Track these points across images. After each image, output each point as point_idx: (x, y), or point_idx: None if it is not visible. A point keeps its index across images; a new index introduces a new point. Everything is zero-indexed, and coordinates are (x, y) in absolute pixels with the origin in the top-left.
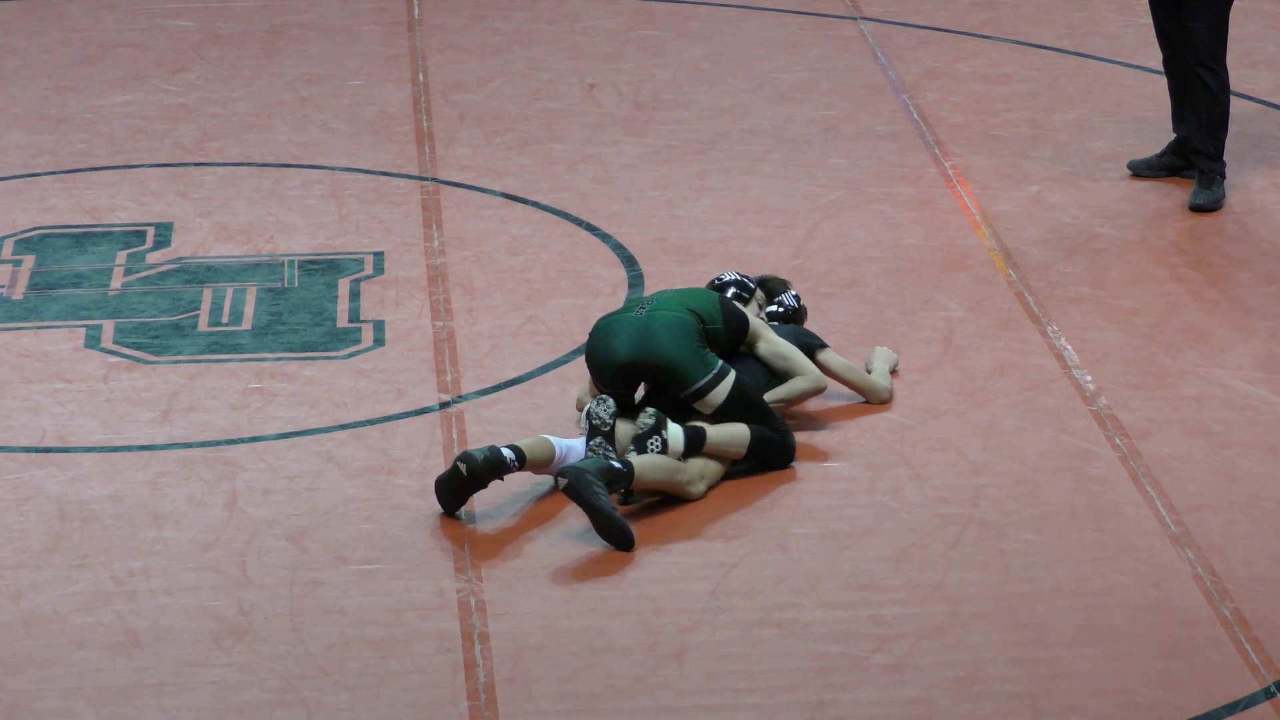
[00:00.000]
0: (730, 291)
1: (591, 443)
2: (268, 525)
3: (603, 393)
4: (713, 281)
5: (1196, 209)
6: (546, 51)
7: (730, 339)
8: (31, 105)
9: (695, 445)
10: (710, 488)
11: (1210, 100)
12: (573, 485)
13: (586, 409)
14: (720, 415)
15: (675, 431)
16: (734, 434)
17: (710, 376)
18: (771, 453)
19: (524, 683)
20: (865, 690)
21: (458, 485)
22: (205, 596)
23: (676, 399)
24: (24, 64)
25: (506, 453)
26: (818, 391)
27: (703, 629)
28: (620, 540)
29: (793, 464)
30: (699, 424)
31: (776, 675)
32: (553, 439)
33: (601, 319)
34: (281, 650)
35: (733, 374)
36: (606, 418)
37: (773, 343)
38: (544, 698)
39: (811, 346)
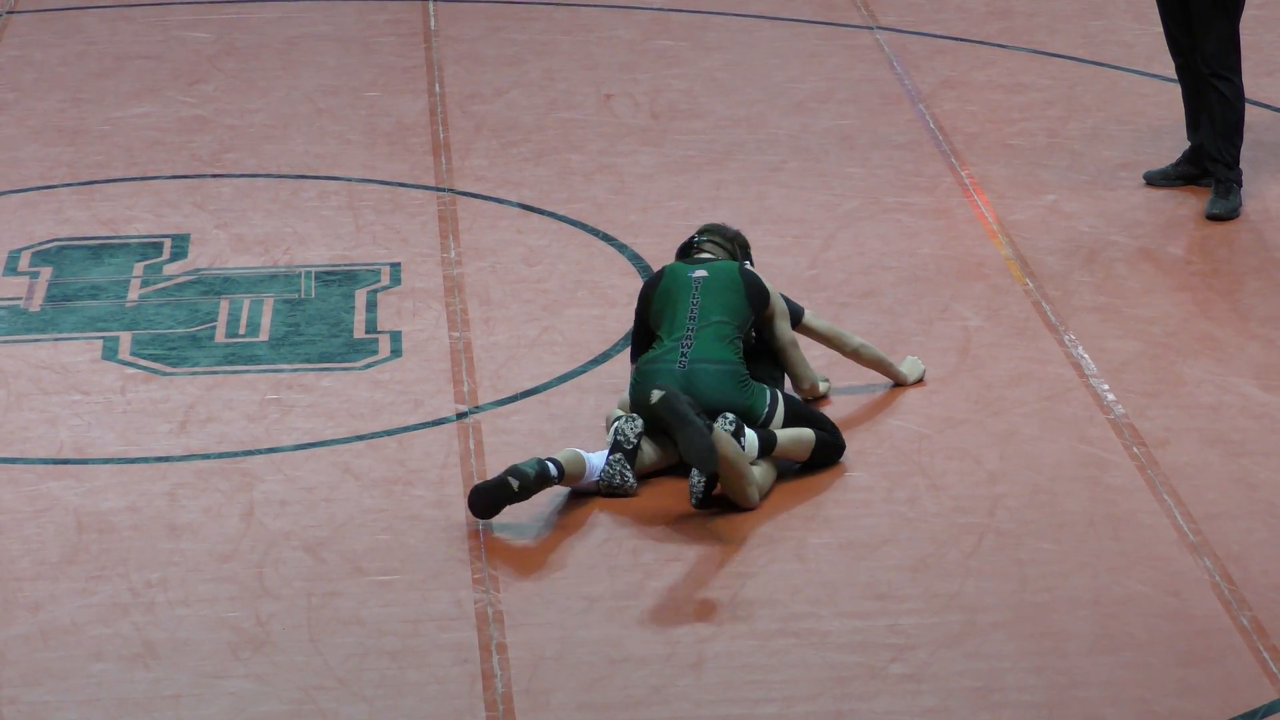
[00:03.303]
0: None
1: (611, 458)
2: (285, 536)
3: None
4: (692, 239)
5: (1213, 218)
6: (563, 62)
7: (754, 318)
8: (48, 117)
9: (767, 450)
10: (764, 497)
11: (1225, 108)
12: (669, 399)
13: (615, 424)
14: None
15: (751, 438)
16: (801, 439)
17: (765, 410)
18: (827, 453)
19: (542, 693)
20: (883, 700)
21: (504, 497)
22: (223, 608)
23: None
24: (41, 76)
25: (550, 466)
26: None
27: (720, 639)
28: (706, 460)
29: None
30: (769, 429)
31: (794, 685)
32: (583, 453)
33: (643, 363)
34: (299, 661)
35: (780, 396)
36: (632, 436)
37: (782, 333)
38: (562, 708)
39: (797, 314)
